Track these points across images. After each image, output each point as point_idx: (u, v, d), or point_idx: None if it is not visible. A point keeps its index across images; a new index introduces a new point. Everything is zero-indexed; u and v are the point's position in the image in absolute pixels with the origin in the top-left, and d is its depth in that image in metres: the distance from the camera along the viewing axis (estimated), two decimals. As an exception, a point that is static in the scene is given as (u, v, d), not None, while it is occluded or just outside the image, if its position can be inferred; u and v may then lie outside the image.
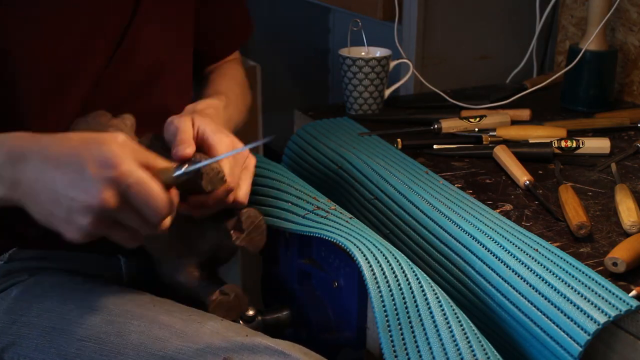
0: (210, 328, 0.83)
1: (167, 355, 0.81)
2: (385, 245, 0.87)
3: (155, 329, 0.83)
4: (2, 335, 0.89)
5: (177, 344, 0.81)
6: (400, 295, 0.80)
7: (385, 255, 0.84)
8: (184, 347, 0.81)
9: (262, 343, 0.80)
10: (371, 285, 0.80)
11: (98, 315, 0.85)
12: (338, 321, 0.95)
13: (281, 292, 1.04)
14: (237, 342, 0.80)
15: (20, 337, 0.88)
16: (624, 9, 1.40)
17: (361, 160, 1.12)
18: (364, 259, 0.82)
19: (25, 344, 0.87)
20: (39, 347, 0.86)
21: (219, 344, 0.80)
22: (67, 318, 0.86)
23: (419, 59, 1.54)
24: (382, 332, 0.78)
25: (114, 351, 0.83)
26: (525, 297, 0.82)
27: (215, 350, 0.80)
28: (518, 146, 1.17)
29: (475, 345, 0.77)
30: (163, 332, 0.83)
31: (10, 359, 0.88)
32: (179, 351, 0.81)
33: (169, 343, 0.81)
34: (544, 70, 1.63)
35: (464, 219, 0.93)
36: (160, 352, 0.81)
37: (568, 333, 0.77)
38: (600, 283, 0.79)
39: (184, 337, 0.82)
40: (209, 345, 0.80)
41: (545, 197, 1.02)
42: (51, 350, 0.85)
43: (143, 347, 0.82)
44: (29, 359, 0.87)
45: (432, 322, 0.79)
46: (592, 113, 1.34)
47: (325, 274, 0.93)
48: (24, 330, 0.88)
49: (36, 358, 0.86)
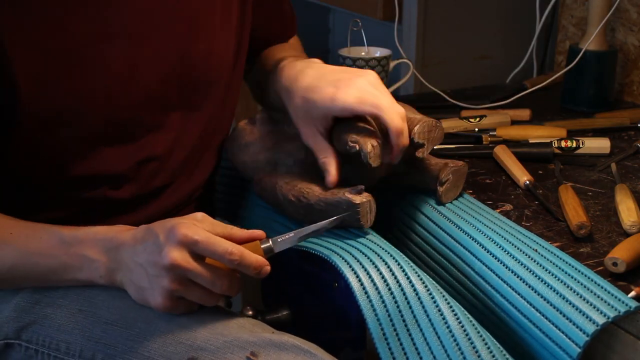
0: (237, 323, 0.83)
1: (194, 344, 0.80)
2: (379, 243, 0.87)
3: (184, 319, 0.83)
4: (23, 315, 0.88)
5: (205, 335, 0.81)
6: (392, 300, 0.79)
7: (372, 259, 0.83)
8: (212, 338, 0.81)
9: (289, 341, 0.80)
10: (360, 297, 0.79)
11: (126, 300, 0.85)
12: (338, 321, 0.95)
13: (281, 292, 1.04)
14: (264, 337, 0.80)
15: (43, 317, 0.88)
16: (624, 9, 1.40)
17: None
18: (350, 270, 0.81)
19: (48, 324, 0.87)
20: (62, 327, 0.86)
21: (247, 337, 0.80)
22: (93, 301, 0.87)
23: (419, 59, 1.54)
24: (379, 342, 0.77)
25: (140, 336, 0.83)
26: (525, 298, 0.82)
27: (242, 343, 0.80)
28: (518, 146, 1.17)
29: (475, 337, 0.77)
30: (191, 322, 0.83)
31: (28, 339, 0.88)
32: (207, 341, 0.80)
33: (197, 333, 0.81)
34: (544, 70, 1.63)
35: (463, 220, 0.93)
36: (187, 341, 0.81)
37: (567, 334, 0.77)
38: (600, 284, 0.79)
39: (212, 329, 0.82)
40: (236, 338, 0.80)
41: (545, 197, 1.02)
42: (75, 331, 0.85)
43: (170, 335, 0.82)
44: (50, 338, 0.87)
45: (428, 321, 0.78)
46: (592, 113, 1.34)
47: (325, 274, 0.93)
48: (48, 310, 0.88)
49: (58, 337, 0.86)
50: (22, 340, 0.88)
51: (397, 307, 0.79)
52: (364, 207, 0.86)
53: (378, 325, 0.78)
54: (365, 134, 0.87)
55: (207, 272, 0.79)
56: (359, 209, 0.86)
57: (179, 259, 0.77)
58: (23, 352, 0.88)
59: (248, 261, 0.80)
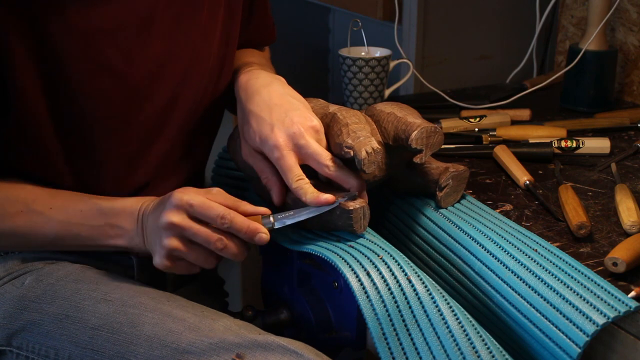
0: (224, 324, 0.83)
1: (179, 347, 0.81)
2: (379, 244, 0.87)
3: (169, 322, 0.84)
4: (11, 322, 0.89)
5: (191, 338, 0.82)
6: (392, 300, 0.79)
7: (372, 259, 0.83)
8: (197, 341, 0.81)
9: (275, 342, 0.80)
10: (360, 297, 0.79)
11: (112, 305, 0.86)
12: (338, 321, 0.94)
13: (281, 292, 1.04)
14: (250, 339, 0.81)
15: (31, 324, 0.88)
16: (624, 9, 1.40)
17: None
18: (350, 270, 0.81)
19: (36, 330, 0.88)
20: (50, 334, 0.87)
21: (232, 339, 0.81)
22: (80, 307, 0.87)
23: (419, 59, 1.54)
24: (378, 342, 0.77)
25: (126, 341, 0.83)
26: (524, 298, 0.82)
27: (228, 345, 0.80)
28: (518, 146, 1.17)
29: (474, 337, 0.77)
30: (176, 325, 0.83)
31: (19, 345, 0.88)
32: (192, 344, 0.81)
33: (182, 336, 0.82)
34: (544, 70, 1.63)
35: (463, 220, 0.92)
36: (173, 344, 0.81)
37: (567, 334, 0.76)
38: (600, 284, 0.79)
39: (198, 332, 0.82)
40: (222, 340, 0.81)
41: (545, 197, 1.02)
42: (63, 337, 0.86)
43: (156, 339, 0.82)
44: (39, 344, 0.87)
45: (428, 321, 0.78)
46: (592, 113, 1.34)
47: (325, 274, 0.93)
48: (36, 316, 0.89)
49: (47, 344, 0.87)
50: (12, 346, 0.89)
51: (397, 307, 0.79)
52: (357, 213, 0.85)
53: (378, 325, 0.78)
54: (361, 139, 0.87)
55: (203, 230, 0.84)
56: (352, 214, 0.85)
57: (175, 219, 0.84)
58: (14, 358, 0.89)
59: (239, 225, 0.84)
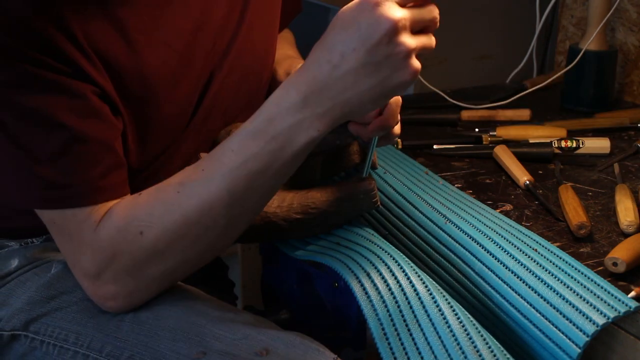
0: (245, 319, 0.84)
1: (203, 340, 0.81)
2: (379, 244, 0.87)
3: (192, 315, 0.84)
4: (34, 308, 0.89)
5: (214, 331, 0.82)
6: (392, 300, 0.79)
7: (371, 260, 0.83)
8: (221, 335, 0.81)
9: (297, 338, 0.80)
10: (360, 297, 0.79)
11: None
12: (338, 321, 0.95)
13: (281, 292, 1.04)
14: (272, 334, 0.81)
15: (55, 310, 0.89)
16: (624, 9, 1.40)
17: (361, 160, 1.12)
18: (350, 271, 0.82)
19: (60, 316, 0.88)
20: (75, 320, 0.87)
21: (255, 335, 0.81)
22: None
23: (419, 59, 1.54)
24: (380, 342, 0.77)
25: (151, 332, 0.84)
26: (525, 298, 0.82)
27: (252, 340, 0.80)
28: (518, 146, 1.17)
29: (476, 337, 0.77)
30: (199, 319, 0.84)
31: (36, 330, 0.88)
32: (216, 338, 0.81)
33: (206, 329, 0.82)
34: (544, 70, 1.63)
35: (463, 220, 0.93)
36: (197, 337, 0.82)
37: (567, 334, 0.76)
38: (600, 284, 0.79)
39: (221, 326, 0.83)
40: (245, 335, 0.81)
41: (545, 197, 1.02)
42: (89, 323, 0.86)
43: (180, 331, 0.83)
44: (60, 329, 0.88)
45: (429, 321, 0.78)
46: (592, 113, 1.34)
47: (325, 274, 0.94)
48: (62, 303, 0.89)
49: (69, 329, 0.87)
50: (29, 331, 0.89)
51: (398, 307, 0.79)
52: (376, 189, 0.92)
53: (379, 325, 0.78)
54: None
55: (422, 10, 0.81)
56: (374, 192, 0.91)
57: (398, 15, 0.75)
58: (28, 343, 0.89)
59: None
